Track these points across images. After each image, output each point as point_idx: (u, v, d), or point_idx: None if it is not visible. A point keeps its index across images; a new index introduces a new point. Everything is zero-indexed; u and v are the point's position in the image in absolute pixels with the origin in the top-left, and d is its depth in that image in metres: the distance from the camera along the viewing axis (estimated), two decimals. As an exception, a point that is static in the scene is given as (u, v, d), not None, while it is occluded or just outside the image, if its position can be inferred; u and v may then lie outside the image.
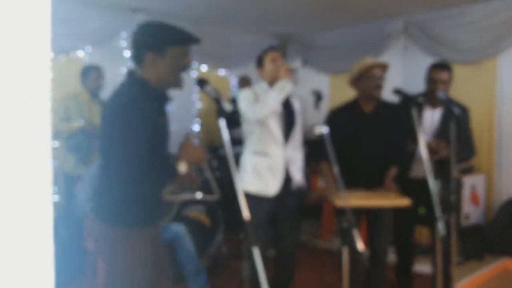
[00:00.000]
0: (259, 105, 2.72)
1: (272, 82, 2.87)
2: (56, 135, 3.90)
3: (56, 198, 4.30)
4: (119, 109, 1.84)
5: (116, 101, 1.91)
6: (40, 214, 0.87)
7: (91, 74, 4.03)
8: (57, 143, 4.11)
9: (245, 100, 2.80)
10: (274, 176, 2.83)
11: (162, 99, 2.00)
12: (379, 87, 2.94)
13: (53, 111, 3.80)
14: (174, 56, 1.91)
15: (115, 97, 1.94)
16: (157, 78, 1.93)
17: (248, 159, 2.90)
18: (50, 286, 0.88)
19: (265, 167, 2.83)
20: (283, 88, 2.71)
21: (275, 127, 2.83)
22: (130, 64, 1.99)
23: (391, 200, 2.89)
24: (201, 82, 2.03)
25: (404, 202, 2.83)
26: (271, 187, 2.83)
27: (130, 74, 1.97)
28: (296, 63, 2.86)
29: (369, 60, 2.97)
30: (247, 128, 2.90)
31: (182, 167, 1.90)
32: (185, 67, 1.96)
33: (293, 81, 2.83)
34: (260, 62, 2.93)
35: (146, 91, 1.91)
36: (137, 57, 1.94)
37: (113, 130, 1.84)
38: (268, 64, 2.88)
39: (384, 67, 2.96)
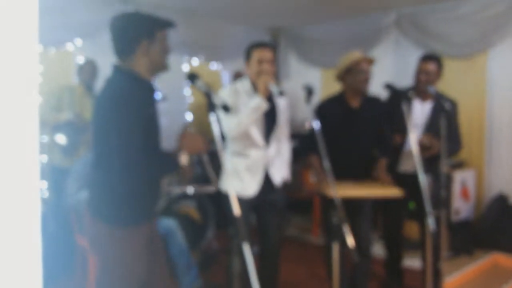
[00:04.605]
0: (233, 121, 2.66)
1: (254, 83, 2.78)
2: (42, 124, 3.89)
3: (46, 193, 4.26)
4: (112, 102, 1.82)
5: (107, 95, 1.89)
6: (28, 209, 0.85)
7: (86, 68, 4.19)
8: (45, 138, 4.07)
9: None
10: (252, 177, 2.81)
11: (151, 89, 2.01)
12: (366, 81, 2.95)
13: (44, 100, 3.82)
14: (161, 40, 1.98)
15: (105, 92, 1.92)
16: (149, 65, 1.95)
17: (228, 159, 2.87)
18: (38, 282, 0.87)
19: (243, 168, 2.81)
20: (258, 108, 2.63)
21: (254, 131, 2.77)
22: (115, 59, 1.98)
23: (384, 190, 2.87)
24: (192, 77, 2.02)
25: (397, 192, 2.82)
26: (249, 188, 2.80)
27: (117, 68, 1.97)
28: (275, 88, 2.69)
29: (356, 54, 2.98)
30: None
31: (184, 159, 1.89)
32: (168, 50, 2.03)
33: (273, 82, 2.68)
34: (247, 56, 2.82)
35: (136, 82, 1.91)
36: (129, 48, 1.92)
37: (107, 123, 1.82)
38: (253, 63, 2.76)
39: (370, 62, 2.97)
